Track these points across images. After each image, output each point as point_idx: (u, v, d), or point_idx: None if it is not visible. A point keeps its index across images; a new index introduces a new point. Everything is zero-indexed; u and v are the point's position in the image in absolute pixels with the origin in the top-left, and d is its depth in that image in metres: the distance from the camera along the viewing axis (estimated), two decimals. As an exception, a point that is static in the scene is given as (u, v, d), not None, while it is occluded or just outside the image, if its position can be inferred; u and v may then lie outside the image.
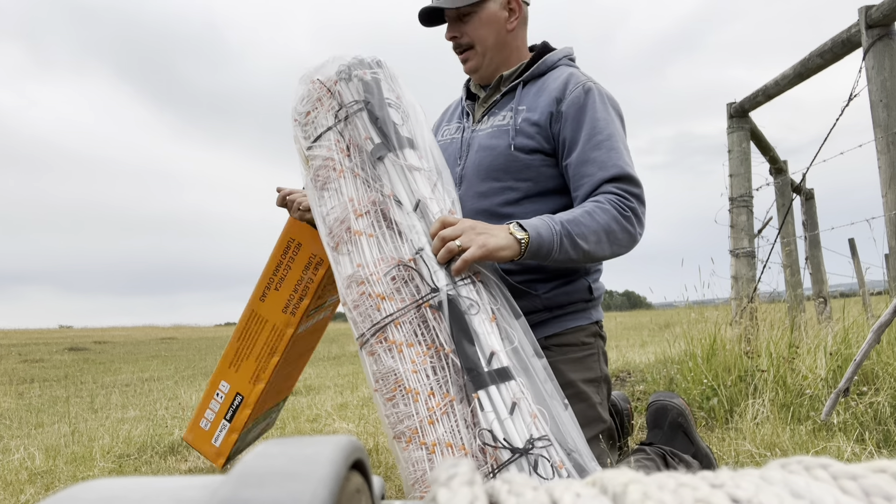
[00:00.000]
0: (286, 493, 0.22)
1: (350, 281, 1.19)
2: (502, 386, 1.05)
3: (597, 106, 1.38)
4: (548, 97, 1.42)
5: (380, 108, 1.25)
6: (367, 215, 1.20)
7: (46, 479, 2.05)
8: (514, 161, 1.42)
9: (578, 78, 1.43)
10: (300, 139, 1.33)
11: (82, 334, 19.98)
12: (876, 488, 0.21)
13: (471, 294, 1.13)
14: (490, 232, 1.14)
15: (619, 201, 1.29)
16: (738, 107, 3.73)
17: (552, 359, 1.42)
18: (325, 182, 1.25)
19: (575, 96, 1.39)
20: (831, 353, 2.35)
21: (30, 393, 5.01)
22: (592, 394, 1.41)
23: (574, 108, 1.38)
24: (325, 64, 1.33)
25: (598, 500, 0.22)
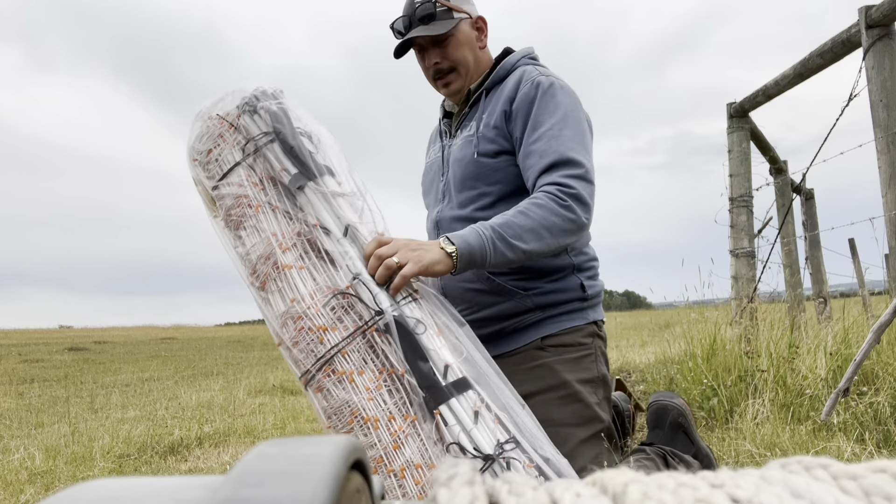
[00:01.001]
0: (286, 493, 0.22)
1: (285, 318, 1.14)
2: (461, 397, 1.05)
3: (545, 98, 1.39)
4: (503, 98, 1.46)
5: (292, 137, 1.20)
6: (293, 248, 1.15)
7: (46, 479, 2.05)
8: (481, 167, 1.46)
9: (530, 74, 1.46)
10: (203, 179, 1.27)
11: (82, 334, 19.97)
12: (876, 488, 0.21)
13: (414, 312, 1.12)
14: (424, 247, 1.16)
15: (556, 190, 1.27)
16: (738, 107, 3.73)
17: (548, 359, 1.43)
18: (241, 220, 1.20)
19: (524, 92, 1.42)
20: (831, 353, 2.35)
21: (30, 393, 5.01)
22: (588, 394, 1.41)
23: (523, 103, 1.41)
24: (222, 98, 1.27)
25: (598, 499, 0.22)
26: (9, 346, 12.13)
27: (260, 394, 4.28)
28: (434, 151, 1.68)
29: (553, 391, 1.40)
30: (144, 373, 6.58)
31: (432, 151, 1.69)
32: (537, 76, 1.44)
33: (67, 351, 10.58)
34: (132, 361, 8.46)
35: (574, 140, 1.34)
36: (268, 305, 1.17)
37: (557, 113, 1.37)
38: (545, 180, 1.30)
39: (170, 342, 14.33)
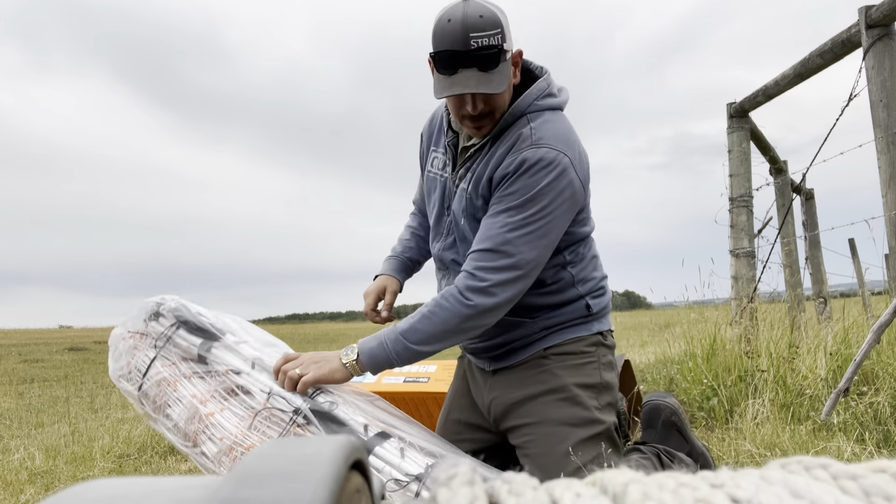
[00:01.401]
0: (286, 493, 0.22)
1: (220, 456, 1.28)
2: (385, 443, 1.21)
3: (521, 177, 1.29)
4: (494, 162, 1.36)
5: (194, 317, 1.45)
6: (213, 398, 1.33)
7: (46, 479, 2.05)
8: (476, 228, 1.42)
9: (523, 140, 1.33)
10: (129, 389, 1.48)
11: (82, 334, 19.97)
12: (876, 488, 0.21)
13: (326, 398, 1.28)
14: (326, 359, 1.29)
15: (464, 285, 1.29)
16: (738, 107, 3.73)
17: (550, 365, 1.45)
18: (165, 401, 1.39)
19: (507, 164, 1.32)
20: (831, 353, 2.35)
21: (30, 393, 5.01)
22: (588, 398, 1.43)
23: (502, 177, 1.33)
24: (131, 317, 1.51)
25: (598, 500, 0.22)
26: (9, 346, 12.13)
27: (260, 394, 4.28)
28: (437, 164, 1.53)
29: (553, 393, 1.42)
30: (144, 373, 6.57)
31: (436, 158, 1.54)
32: (527, 148, 1.31)
33: (67, 351, 10.58)
34: (132, 361, 8.44)
35: (521, 230, 1.28)
36: (202, 456, 1.33)
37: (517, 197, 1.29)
38: (466, 266, 1.32)
39: (170, 342, 14.30)
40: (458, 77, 1.26)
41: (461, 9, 1.25)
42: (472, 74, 1.25)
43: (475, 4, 1.25)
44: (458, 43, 1.23)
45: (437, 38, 1.26)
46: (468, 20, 1.23)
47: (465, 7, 1.25)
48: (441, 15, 1.27)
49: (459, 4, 1.26)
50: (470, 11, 1.24)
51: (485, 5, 1.26)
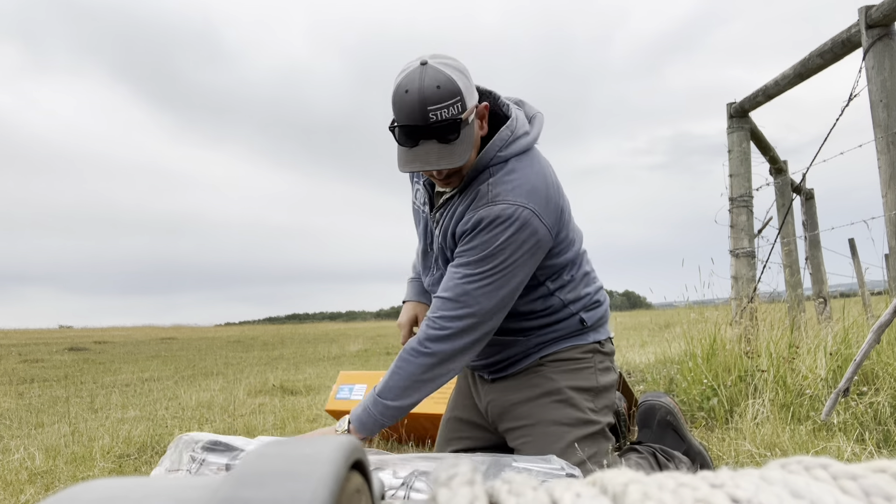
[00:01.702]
0: (286, 493, 0.22)
1: None
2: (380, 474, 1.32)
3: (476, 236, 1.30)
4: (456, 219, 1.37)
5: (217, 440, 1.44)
6: None
7: (46, 479, 2.05)
8: None
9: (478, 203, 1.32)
10: None
11: (82, 334, 19.97)
12: (876, 488, 0.21)
13: None
14: None
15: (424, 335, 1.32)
16: (738, 107, 3.73)
17: (545, 370, 1.49)
18: None
19: (463, 223, 1.33)
20: (831, 353, 2.35)
21: (30, 393, 5.01)
22: (582, 400, 1.46)
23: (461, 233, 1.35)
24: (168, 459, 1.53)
25: (598, 500, 0.22)
26: (9, 346, 12.13)
27: (260, 394, 4.28)
28: (418, 198, 1.53)
29: (548, 396, 1.46)
30: (144, 373, 6.58)
31: (418, 190, 1.54)
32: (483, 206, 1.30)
33: (67, 351, 10.58)
34: (132, 361, 8.46)
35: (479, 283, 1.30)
36: None
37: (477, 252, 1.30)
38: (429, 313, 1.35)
39: (170, 342, 14.34)
40: (418, 150, 1.24)
41: (417, 79, 1.20)
42: (433, 148, 1.23)
43: (432, 73, 1.20)
44: (417, 117, 1.20)
45: (396, 109, 1.23)
46: (425, 92, 1.18)
47: (421, 76, 1.20)
48: (399, 83, 1.23)
49: (416, 72, 1.21)
50: (427, 83, 1.19)
51: (441, 71, 1.20)
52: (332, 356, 8.73)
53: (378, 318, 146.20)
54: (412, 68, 1.22)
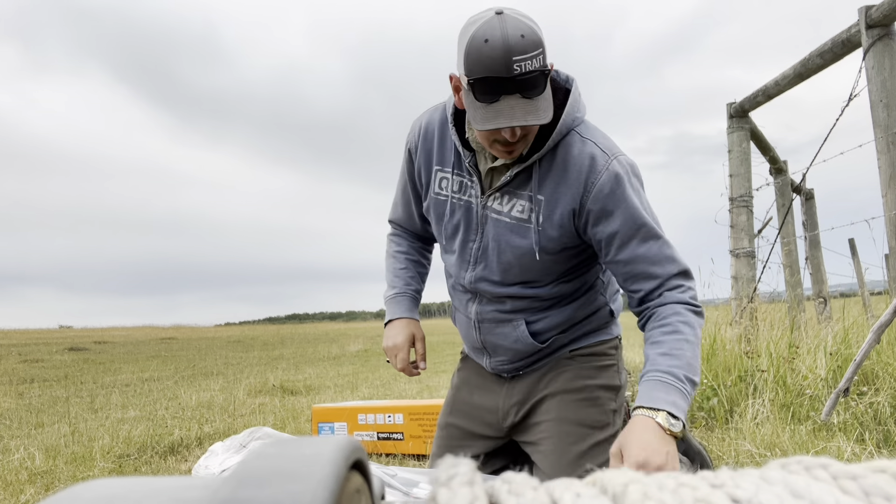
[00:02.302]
0: (286, 494, 0.22)
1: None
2: None
3: (627, 192, 1.24)
4: (569, 190, 1.25)
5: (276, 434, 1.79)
6: None
7: (46, 479, 2.05)
8: (540, 262, 1.32)
9: (598, 160, 1.24)
10: None
11: (82, 334, 19.98)
12: (876, 488, 0.21)
13: None
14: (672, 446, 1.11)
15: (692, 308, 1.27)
16: (738, 107, 3.73)
17: (574, 365, 1.45)
18: None
19: (600, 187, 1.24)
20: (831, 353, 2.35)
21: (30, 393, 5.01)
22: (608, 400, 1.44)
23: (602, 200, 1.24)
24: None
25: (598, 500, 0.22)
26: (9, 346, 12.13)
27: (260, 394, 4.28)
28: (451, 186, 1.37)
29: (576, 393, 1.42)
30: (144, 373, 6.58)
31: (445, 181, 1.38)
32: (608, 163, 1.24)
33: (67, 351, 10.58)
34: (132, 361, 8.46)
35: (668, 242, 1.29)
36: None
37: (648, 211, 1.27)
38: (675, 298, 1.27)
39: (170, 342, 14.33)
40: (500, 105, 1.12)
41: (499, 27, 1.09)
42: (516, 102, 1.12)
43: (513, 21, 1.10)
44: (500, 68, 1.08)
45: (473, 60, 1.11)
46: (509, 41, 1.08)
47: (502, 25, 1.09)
48: (475, 33, 1.11)
49: (494, 20, 1.10)
50: (510, 31, 1.09)
51: (523, 21, 1.11)
52: (332, 356, 8.73)
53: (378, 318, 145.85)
54: (487, 18, 1.11)
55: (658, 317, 1.25)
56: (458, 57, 1.16)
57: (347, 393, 4.21)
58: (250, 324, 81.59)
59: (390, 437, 2.28)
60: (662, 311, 1.25)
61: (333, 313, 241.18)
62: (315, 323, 59.86)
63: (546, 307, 1.40)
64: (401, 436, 2.26)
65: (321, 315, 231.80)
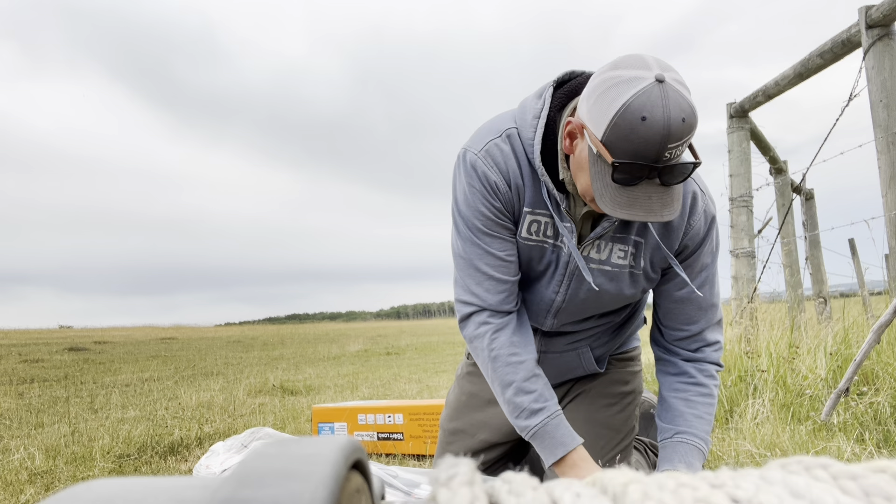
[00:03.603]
0: (286, 493, 0.22)
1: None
2: None
3: (714, 238, 1.23)
4: (671, 231, 1.18)
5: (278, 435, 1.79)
6: None
7: (46, 479, 2.05)
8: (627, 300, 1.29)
9: (699, 203, 1.18)
10: None
11: (82, 334, 19.98)
12: (876, 488, 0.21)
13: None
14: None
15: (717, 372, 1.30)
16: (738, 107, 3.73)
17: (612, 370, 1.47)
18: None
19: (697, 228, 1.19)
20: (831, 353, 2.35)
21: (30, 393, 5.01)
22: (634, 406, 1.47)
23: (696, 241, 1.21)
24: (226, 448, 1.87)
25: (598, 500, 0.22)
26: (9, 346, 12.13)
27: (260, 394, 4.28)
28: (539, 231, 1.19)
29: (609, 397, 1.44)
30: (144, 373, 6.58)
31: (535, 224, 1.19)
32: (706, 206, 1.20)
33: (67, 351, 10.58)
34: (132, 361, 8.46)
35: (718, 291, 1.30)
36: None
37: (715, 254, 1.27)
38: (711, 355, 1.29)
39: (170, 342, 14.33)
40: (636, 192, 0.99)
41: (661, 105, 0.91)
42: (654, 190, 0.99)
43: (675, 97, 0.92)
44: (652, 155, 0.94)
45: (623, 138, 0.94)
46: (671, 126, 0.91)
47: (665, 102, 0.91)
48: (633, 104, 0.92)
49: (656, 92, 0.91)
50: (672, 112, 0.91)
51: (684, 97, 0.93)
52: (332, 356, 8.73)
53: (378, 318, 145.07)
54: (647, 86, 0.92)
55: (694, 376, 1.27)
56: (596, 113, 0.97)
57: (347, 393, 4.21)
58: (250, 324, 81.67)
59: (390, 437, 2.28)
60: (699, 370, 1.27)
61: (333, 313, 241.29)
62: (315, 323, 59.83)
63: (610, 331, 1.42)
64: (401, 436, 2.26)
65: (321, 315, 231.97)
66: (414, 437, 2.24)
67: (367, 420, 2.33)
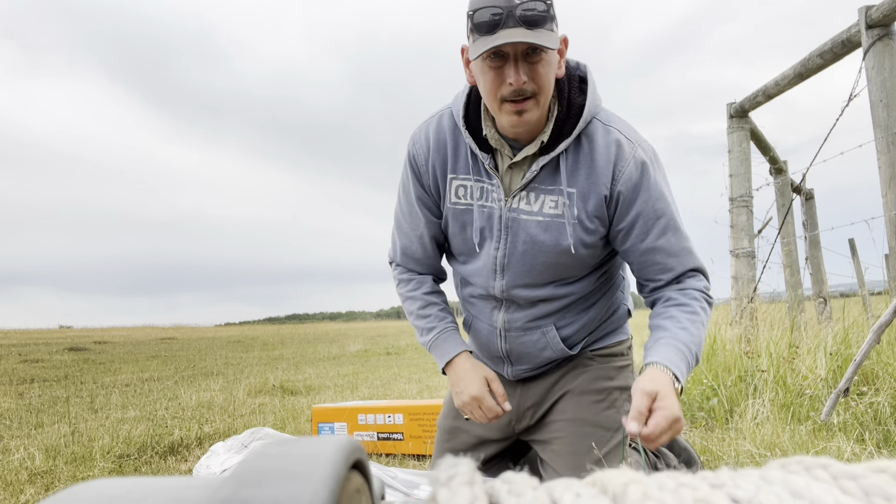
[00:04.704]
0: (286, 493, 0.22)
1: None
2: None
3: (652, 182, 1.23)
4: (599, 179, 1.23)
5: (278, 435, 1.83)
6: None
7: (46, 479, 2.05)
8: (573, 258, 1.29)
9: (624, 148, 1.23)
10: None
11: (82, 334, 19.98)
12: (876, 488, 0.21)
13: None
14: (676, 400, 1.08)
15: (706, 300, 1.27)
16: (738, 107, 3.73)
17: (594, 365, 1.44)
18: None
19: (628, 174, 1.22)
20: (831, 353, 2.35)
21: (30, 393, 5.01)
22: (623, 402, 1.43)
23: (629, 187, 1.23)
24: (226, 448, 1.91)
25: (598, 500, 0.22)
26: (9, 346, 12.13)
27: (260, 394, 4.28)
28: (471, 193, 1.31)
29: (595, 394, 1.42)
30: (144, 373, 6.58)
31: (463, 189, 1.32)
32: (635, 151, 1.23)
33: (67, 351, 10.58)
34: (132, 361, 8.46)
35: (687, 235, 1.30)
36: None
37: (671, 203, 1.27)
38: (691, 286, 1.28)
39: (170, 342, 14.33)
40: (500, 34, 1.10)
41: None
42: (517, 31, 1.09)
43: None
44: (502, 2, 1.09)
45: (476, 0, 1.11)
46: None
47: None
48: None
49: None
50: None
51: None
52: (332, 356, 8.73)
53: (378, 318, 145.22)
54: None
55: (677, 300, 1.25)
56: None
57: (347, 393, 4.21)
58: (250, 324, 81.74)
59: (390, 437, 2.28)
60: (682, 295, 1.26)
61: (333, 313, 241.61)
62: (315, 323, 59.84)
63: (575, 308, 1.39)
64: (401, 436, 2.26)
65: (321, 315, 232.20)
66: (414, 437, 2.24)
67: (367, 420, 2.33)
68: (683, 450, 1.66)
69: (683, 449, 1.66)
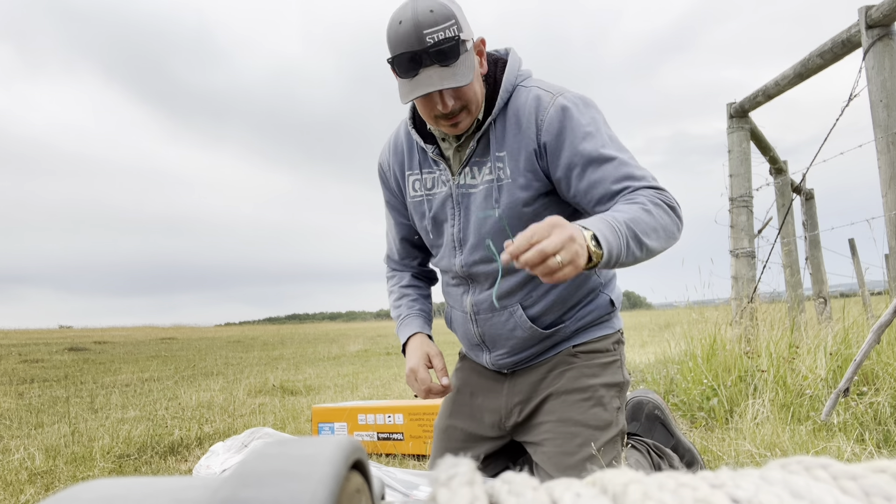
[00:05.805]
0: (286, 493, 0.22)
1: None
2: None
3: (574, 120, 1.27)
4: (524, 135, 1.30)
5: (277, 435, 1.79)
6: None
7: (46, 479, 2.05)
8: (516, 219, 1.33)
9: (543, 98, 1.30)
10: None
11: (82, 334, 19.98)
12: (876, 488, 0.21)
13: None
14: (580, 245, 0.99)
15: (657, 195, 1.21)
16: (738, 107, 3.73)
17: (578, 363, 1.43)
18: None
19: (549, 121, 1.28)
20: (831, 354, 2.35)
21: (30, 393, 5.01)
22: (612, 398, 1.43)
23: (554, 134, 1.27)
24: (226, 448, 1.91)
25: (598, 500, 0.22)
26: (9, 346, 12.13)
27: (260, 394, 4.28)
28: (425, 184, 1.44)
29: (579, 392, 1.41)
30: (144, 373, 6.58)
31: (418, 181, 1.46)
32: (553, 97, 1.29)
33: (67, 351, 10.58)
34: (132, 361, 8.46)
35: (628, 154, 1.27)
36: None
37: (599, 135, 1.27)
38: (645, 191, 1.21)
39: (170, 342, 14.33)
40: (420, 78, 1.22)
41: (410, 8, 1.21)
42: (434, 72, 1.21)
43: (423, 2, 1.20)
44: (413, 42, 1.19)
45: (392, 42, 1.22)
46: (419, 17, 1.19)
47: (413, 5, 1.21)
48: (392, 18, 1.23)
49: (408, 4, 1.22)
50: (420, 8, 1.19)
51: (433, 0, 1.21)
52: (332, 356, 8.73)
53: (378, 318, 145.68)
54: (403, 3, 1.23)
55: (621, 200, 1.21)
56: None
57: (347, 393, 4.21)
58: (250, 324, 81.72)
59: (390, 437, 2.28)
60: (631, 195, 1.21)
61: (333, 313, 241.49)
62: (315, 323, 59.87)
63: (539, 286, 1.39)
64: (401, 436, 2.26)
65: (321, 315, 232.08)
66: (414, 437, 2.24)
67: (367, 420, 2.33)
68: (687, 451, 1.66)
69: (687, 450, 1.66)
